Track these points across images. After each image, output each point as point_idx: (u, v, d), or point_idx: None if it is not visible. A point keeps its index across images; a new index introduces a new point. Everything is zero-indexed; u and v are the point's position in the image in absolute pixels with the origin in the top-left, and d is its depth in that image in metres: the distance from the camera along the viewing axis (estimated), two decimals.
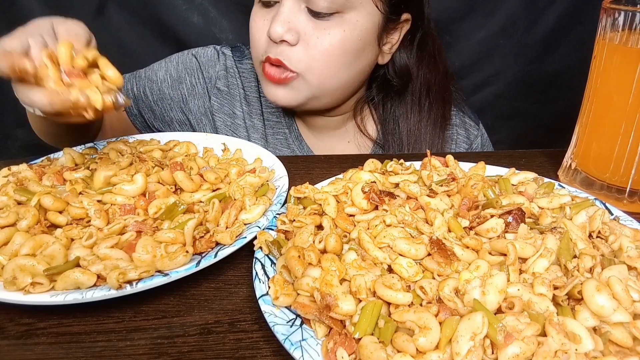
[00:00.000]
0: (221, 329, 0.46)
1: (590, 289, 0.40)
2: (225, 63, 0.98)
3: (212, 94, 0.97)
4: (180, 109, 0.98)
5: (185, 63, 0.98)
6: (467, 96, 1.33)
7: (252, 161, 0.73)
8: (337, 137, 1.00)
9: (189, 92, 0.97)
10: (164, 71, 0.98)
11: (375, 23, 0.81)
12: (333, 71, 0.82)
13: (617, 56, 0.61)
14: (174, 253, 0.50)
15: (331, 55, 0.79)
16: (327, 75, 0.82)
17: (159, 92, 0.97)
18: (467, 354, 0.36)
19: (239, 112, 0.97)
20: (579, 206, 0.54)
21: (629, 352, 0.39)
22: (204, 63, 0.98)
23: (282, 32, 0.77)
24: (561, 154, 0.74)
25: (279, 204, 0.60)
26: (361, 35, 0.80)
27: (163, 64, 0.99)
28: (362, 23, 0.79)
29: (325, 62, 0.80)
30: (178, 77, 0.97)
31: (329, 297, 0.41)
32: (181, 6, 1.25)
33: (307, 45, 0.79)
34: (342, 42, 0.79)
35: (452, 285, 0.42)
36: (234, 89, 0.97)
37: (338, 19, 0.78)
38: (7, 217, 0.54)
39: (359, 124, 0.97)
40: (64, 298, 0.45)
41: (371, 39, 0.82)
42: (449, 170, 0.62)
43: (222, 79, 0.97)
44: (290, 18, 0.77)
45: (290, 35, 0.77)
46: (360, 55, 0.83)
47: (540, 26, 1.29)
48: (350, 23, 0.78)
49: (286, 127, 0.98)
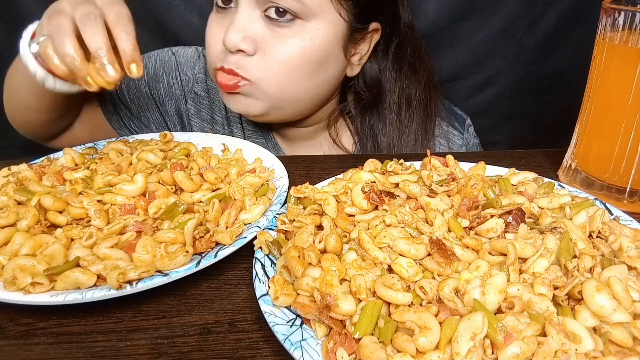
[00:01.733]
0: (221, 329, 0.46)
1: (590, 289, 0.40)
2: (204, 65, 0.93)
3: (189, 98, 0.93)
4: (157, 109, 0.94)
5: (163, 61, 0.94)
6: (467, 96, 1.34)
7: (252, 161, 0.73)
8: (311, 147, 0.96)
9: (165, 92, 0.93)
10: None
11: (339, 32, 0.76)
12: (292, 81, 0.77)
13: (617, 56, 0.61)
14: (174, 253, 0.50)
15: (290, 65, 0.74)
16: (286, 85, 0.77)
17: (135, 89, 0.93)
18: (467, 354, 0.36)
19: (219, 117, 0.93)
20: (579, 206, 0.54)
21: (629, 352, 0.39)
22: (182, 63, 0.93)
23: (237, 40, 0.72)
24: (561, 154, 0.74)
25: (279, 204, 0.60)
26: (323, 45, 0.75)
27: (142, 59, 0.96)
28: (323, 32, 0.74)
29: (283, 72, 0.75)
30: (155, 76, 0.93)
31: (329, 297, 0.41)
32: (180, 6, 1.25)
33: (264, 55, 0.74)
34: (302, 51, 0.74)
35: (452, 285, 0.42)
36: (214, 94, 0.93)
37: (298, 27, 0.73)
38: (7, 217, 0.54)
39: (333, 136, 0.92)
40: (64, 298, 0.45)
41: (335, 49, 0.77)
42: (449, 170, 0.62)
43: (200, 82, 0.93)
44: (245, 25, 0.72)
45: (246, 45, 0.73)
46: (324, 66, 0.78)
47: (540, 26, 1.28)
48: (311, 32, 0.73)
49: (262, 136, 0.95)
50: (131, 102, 0.94)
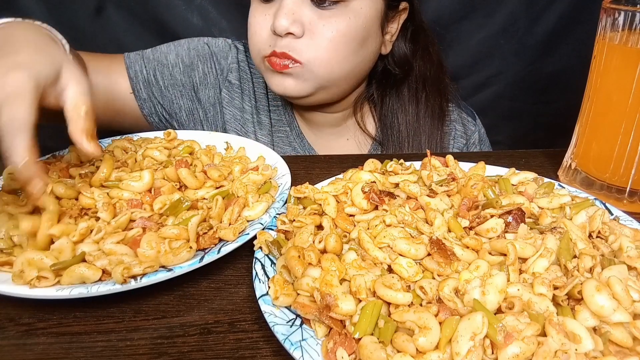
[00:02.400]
0: (221, 329, 0.46)
1: (590, 289, 0.40)
2: (237, 56, 0.97)
3: (224, 86, 0.95)
4: (190, 97, 0.95)
5: (197, 49, 0.95)
6: (467, 96, 1.34)
7: (255, 159, 0.73)
8: (337, 134, 1.00)
9: (200, 81, 0.95)
10: (174, 55, 0.94)
11: (379, 10, 0.82)
12: (339, 59, 0.81)
13: (617, 56, 0.61)
14: (178, 249, 0.50)
15: (337, 43, 0.79)
16: (334, 64, 0.81)
17: (170, 77, 0.94)
18: (467, 354, 0.36)
19: (248, 107, 0.96)
20: (579, 206, 0.54)
21: (629, 352, 0.39)
22: (215, 53, 0.96)
23: (287, 24, 0.76)
24: (561, 154, 0.74)
25: (281, 202, 0.61)
26: (365, 23, 0.80)
27: (172, 47, 0.95)
28: (365, 10, 0.79)
29: (331, 51, 0.79)
30: (190, 63, 0.94)
31: (329, 297, 0.41)
32: (180, 6, 1.25)
33: (313, 35, 0.78)
34: (348, 29, 0.79)
35: (452, 285, 0.42)
36: (244, 83, 0.96)
37: (342, 8, 0.78)
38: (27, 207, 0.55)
39: (358, 120, 0.97)
40: (69, 292, 0.45)
41: (375, 26, 0.83)
42: (449, 170, 0.62)
43: (234, 72, 0.96)
44: (294, 10, 0.77)
45: (295, 27, 0.77)
46: (365, 43, 0.83)
47: (540, 26, 1.29)
48: (354, 11, 0.78)
49: (287, 124, 0.97)
50: (165, 89, 0.94)
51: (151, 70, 0.93)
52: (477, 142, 1.00)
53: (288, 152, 0.98)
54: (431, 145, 0.93)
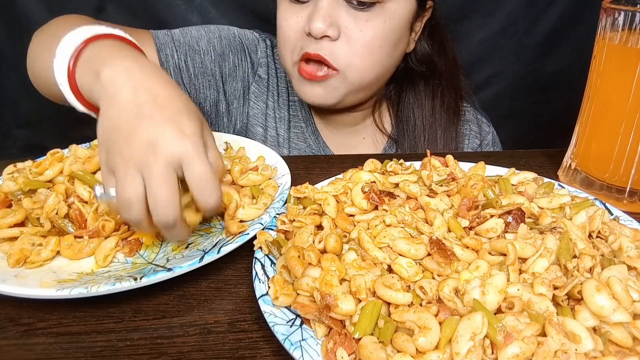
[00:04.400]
0: (221, 329, 0.46)
1: (590, 289, 0.40)
2: (266, 51, 0.95)
3: (254, 81, 0.94)
4: (217, 88, 0.91)
5: (228, 39, 0.92)
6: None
7: (255, 159, 0.73)
8: (354, 133, 0.99)
9: (229, 72, 0.92)
10: (205, 41, 0.89)
11: (411, 11, 0.81)
12: (373, 64, 0.80)
13: (617, 56, 0.61)
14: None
15: (374, 47, 0.78)
16: (367, 69, 0.80)
17: (201, 64, 0.88)
18: (467, 354, 0.36)
19: (271, 102, 0.96)
20: (579, 206, 0.54)
21: (629, 352, 0.39)
22: (247, 45, 0.93)
23: (324, 27, 0.74)
24: (561, 154, 0.74)
25: (281, 201, 0.61)
26: (399, 25, 0.79)
27: (203, 32, 0.89)
28: (400, 12, 0.78)
29: (367, 56, 0.78)
30: (222, 53, 0.90)
31: (329, 297, 0.41)
32: (181, 6, 1.25)
33: (349, 39, 0.77)
34: (383, 32, 0.78)
35: (452, 285, 0.42)
36: (271, 79, 0.96)
37: (378, 10, 0.76)
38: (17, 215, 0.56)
39: (376, 119, 0.96)
40: (69, 292, 0.45)
41: (406, 27, 0.82)
42: (448, 170, 0.62)
43: (263, 67, 0.95)
44: (330, 12, 0.75)
45: (332, 30, 0.75)
46: (398, 45, 0.82)
47: (540, 26, 1.29)
48: (389, 13, 0.77)
49: (303, 121, 0.97)
50: (195, 77, 0.88)
51: (182, 55, 0.87)
52: (491, 144, 1.00)
53: (302, 149, 0.97)
54: (446, 141, 0.93)
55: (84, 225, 0.56)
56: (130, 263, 0.54)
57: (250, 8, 1.24)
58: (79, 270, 0.53)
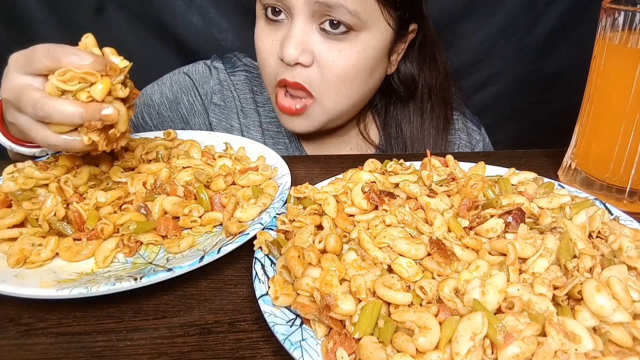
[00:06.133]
0: (221, 329, 0.46)
1: (590, 289, 0.40)
2: (218, 77, 0.96)
3: (210, 110, 0.96)
4: (182, 128, 0.96)
5: (179, 83, 0.96)
6: (467, 96, 1.33)
7: (255, 159, 0.73)
8: (339, 144, 0.99)
9: (187, 112, 0.96)
10: (158, 94, 0.96)
11: (387, 40, 0.80)
12: (348, 92, 0.80)
13: (617, 56, 0.61)
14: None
15: (346, 77, 0.78)
16: (343, 97, 0.81)
17: (157, 116, 0.96)
18: (467, 354, 0.36)
19: (236, 124, 0.96)
20: (579, 206, 0.54)
21: (628, 352, 0.39)
22: (197, 80, 0.96)
23: (296, 54, 0.74)
24: (561, 154, 0.74)
25: (281, 202, 0.61)
26: (374, 54, 0.79)
27: (156, 87, 0.97)
28: (374, 42, 0.77)
29: (340, 85, 0.78)
30: (175, 98, 0.95)
31: (329, 297, 0.41)
32: (181, 6, 1.25)
33: (322, 68, 0.77)
34: (357, 62, 0.77)
35: (452, 285, 0.42)
36: (229, 102, 0.96)
37: (352, 39, 0.75)
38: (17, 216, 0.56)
39: (362, 130, 0.96)
40: (69, 292, 0.45)
41: (383, 55, 0.81)
42: (449, 170, 0.61)
43: (217, 94, 0.96)
44: (303, 39, 0.75)
45: (304, 58, 0.75)
46: (374, 73, 0.82)
47: (540, 26, 1.28)
48: (364, 42, 0.76)
49: (286, 137, 0.97)
50: (155, 128, 0.96)
51: (139, 114, 0.96)
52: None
53: None
54: (434, 152, 0.92)
55: (83, 227, 0.56)
56: (130, 263, 0.54)
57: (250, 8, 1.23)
58: (79, 270, 0.53)
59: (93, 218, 0.56)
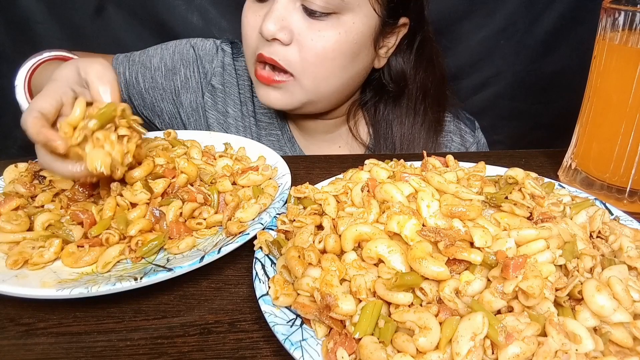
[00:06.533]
0: (221, 329, 0.46)
1: (590, 289, 0.40)
2: (223, 60, 0.96)
3: (207, 90, 0.95)
4: (171, 101, 0.95)
5: (181, 53, 0.95)
6: (467, 96, 1.34)
7: (255, 159, 0.73)
8: (329, 141, 0.98)
9: (182, 85, 0.95)
10: (158, 58, 0.95)
11: (372, 26, 0.79)
12: (327, 74, 0.79)
13: (617, 56, 0.61)
14: None
15: (325, 58, 0.77)
16: (322, 79, 0.80)
17: (151, 80, 0.94)
18: (468, 354, 0.36)
19: (232, 111, 0.95)
20: (579, 206, 0.54)
21: (629, 352, 0.39)
22: (201, 56, 0.95)
23: (274, 30, 0.74)
24: (561, 154, 0.74)
25: (281, 201, 0.61)
26: (357, 39, 0.78)
27: (159, 50, 0.96)
28: (358, 26, 0.77)
29: (319, 65, 0.78)
30: (173, 67, 0.94)
31: (329, 297, 0.41)
32: (180, 6, 1.25)
33: (301, 47, 0.76)
34: (337, 44, 0.76)
35: (452, 285, 0.42)
36: (229, 87, 0.96)
37: (334, 21, 0.75)
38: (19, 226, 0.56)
39: (351, 128, 0.95)
40: (69, 292, 0.45)
41: (367, 42, 0.80)
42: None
43: (217, 76, 0.95)
44: (284, 16, 0.75)
45: (283, 34, 0.75)
46: (356, 59, 0.81)
47: (540, 26, 1.29)
48: (346, 25, 0.76)
49: (278, 128, 0.96)
50: (146, 92, 0.95)
51: (134, 72, 0.95)
52: None
53: None
54: None
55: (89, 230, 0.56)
56: (130, 263, 0.54)
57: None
58: (80, 270, 0.53)
59: (101, 225, 0.55)
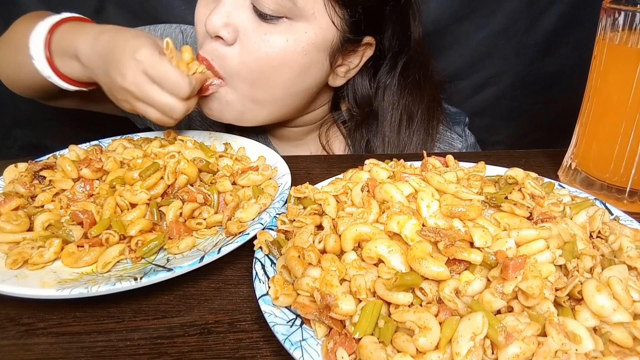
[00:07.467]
0: (221, 329, 0.46)
1: (590, 289, 0.40)
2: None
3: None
4: None
5: (170, 37, 0.89)
6: (467, 96, 1.33)
7: (255, 159, 0.73)
8: (298, 148, 0.94)
9: None
10: None
11: (328, 40, 0.72)
12: (267, 83, 0.72)
13: (617, 56, 0.61)
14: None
15: (267, 65, 0.70)
16: (260, 86, 0.73)
17: None
18: (467, 354, 0.36)
19: (195, 112, 0.90)
20: (579, 206, 0.54)
21: (629, 352, 0.39)
22: (189, 43, 0.88)
23: (218, 25, 0.68)
24: (561, 154, 0.74)
25: (281, 201, 0.61)
26: (307, 50, 0.71)
27: (146, 30, 0.90)
28: (310, 37, 0.70)
29: (258, 71, 0.71)
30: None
31: (329, 297, 0.41)
32: (180, 6, 1.25)
33: (243, 49, 0.70)
34: (283, 53, 0.69)
35: (452, 285, 0.42)
36: None
37: (285, 26, 0.69)
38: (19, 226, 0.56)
39: (322, 142, 0.90)
40: (69, 292, 0.45)
41: (320, 56, 0.73)
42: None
43: None
44: (231, 12, 0.69)
45: (226, 32, 0.68)
46: (306, 72, 0.74)
47: (540, 26, 1.28)
48: (297, 33, 0.69)
49: (255, 134, 0.92)
50: None
51: None
52: None
53: None
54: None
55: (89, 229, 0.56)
56: (130, 263, 0.54)
57: None
58: (80, 270, 0.53)
59: (101, 226, 0.55)
